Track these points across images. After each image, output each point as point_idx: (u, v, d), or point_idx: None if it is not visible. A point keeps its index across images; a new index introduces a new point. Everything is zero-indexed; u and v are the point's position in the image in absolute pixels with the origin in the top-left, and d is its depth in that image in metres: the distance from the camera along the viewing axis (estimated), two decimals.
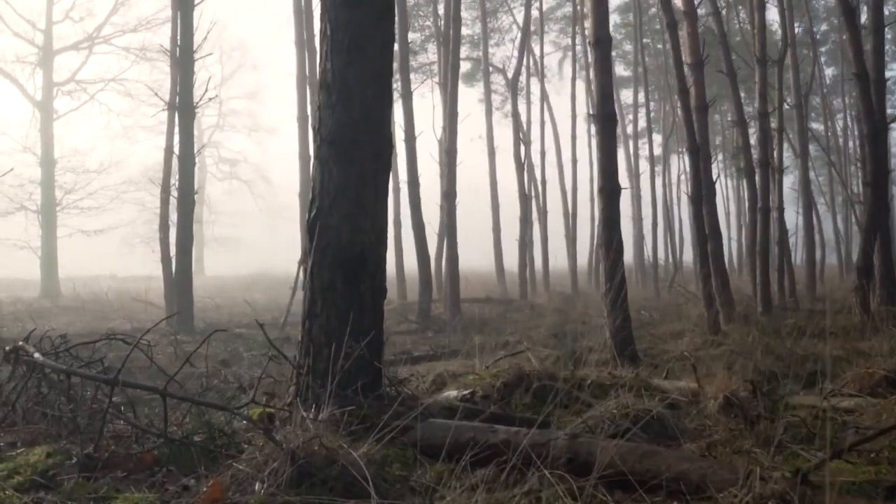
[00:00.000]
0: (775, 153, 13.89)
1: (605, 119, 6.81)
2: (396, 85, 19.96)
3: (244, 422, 2.70)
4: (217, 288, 19.65)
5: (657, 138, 26.63)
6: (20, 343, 3.05)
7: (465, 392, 3.49)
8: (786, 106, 15.61)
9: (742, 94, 13.12)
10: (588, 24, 8.10)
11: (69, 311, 13.20)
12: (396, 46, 22.77)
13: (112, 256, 20.62)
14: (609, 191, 6.82)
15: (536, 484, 2.31)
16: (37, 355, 2.77)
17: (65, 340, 3.54)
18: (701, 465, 2.19)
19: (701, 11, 17.08)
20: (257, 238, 26.29)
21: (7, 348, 3.28)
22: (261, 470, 2.29)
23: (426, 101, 22.73)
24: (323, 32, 3.28)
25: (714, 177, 10.39)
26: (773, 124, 13.51)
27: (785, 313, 11.00)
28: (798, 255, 19.48)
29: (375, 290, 3.27)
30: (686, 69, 9.84)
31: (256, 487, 2.20)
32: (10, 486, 2.32)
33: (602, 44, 6.84)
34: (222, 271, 24.68)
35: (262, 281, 22.29)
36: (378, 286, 3.28)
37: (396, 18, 3.68)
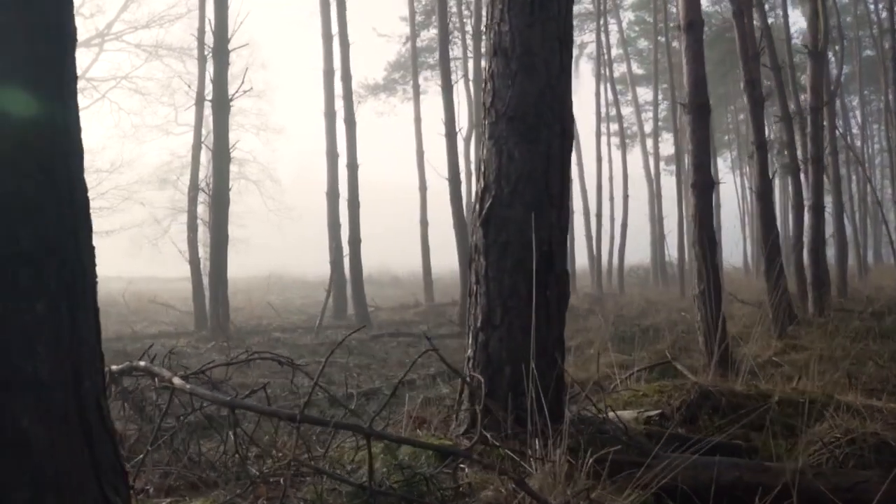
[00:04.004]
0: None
1: (698, 109, 6.32)
2: (436, 77, 19.24)
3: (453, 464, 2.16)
4: (231, 290, 19.01)
5: (667, 136, 26.39)
6: (141, 363, 2.49)
7: (652, 413, 2.98)
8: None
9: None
10: (678, 8, 7.56)
11: None
12: (435, 37, 21.96)
13: (118, 257, 19.91)
14: (702, 186, 6.33)
15: None
16: (176, 380, 2.22)
17: (172, 355, 2.98)
18: None
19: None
20: (265, 239, 25.61)
21: (113, 367, 2.72)
22: None
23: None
24: None
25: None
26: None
27: (842, 315, 10.56)
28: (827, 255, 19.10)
29: (561, 297, 2.74)
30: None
31: None
32: None
33: (695, 27, 6.36)
34: (232, 273, 23.93)
35: (275, 282, 21.66)
36: (563, 291, 2.75)
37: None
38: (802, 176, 12.12)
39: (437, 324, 11.26)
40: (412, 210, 19.46)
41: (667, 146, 26.36)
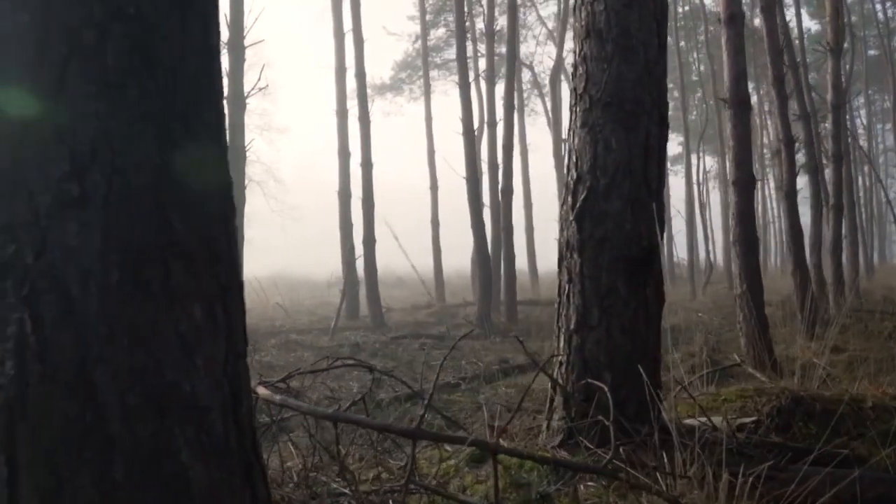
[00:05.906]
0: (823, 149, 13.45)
1: (739, 104, 6.14)
2: (451, 75, 19.13)
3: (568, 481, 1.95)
4: None
5: (671, 136, 26.25)
6: None
7: (747, 420, 2.78)
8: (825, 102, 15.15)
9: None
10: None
11: None
12: (443, 36, 21.75)
13: None
14: (743, 183, 6.16)
15: None
16: (261, 390, 1.99)
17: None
18: None
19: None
20: (267, 239, 25.35)
21: None
22: None
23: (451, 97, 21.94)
24: None
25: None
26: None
27: (865, 315, 10.36)
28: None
29: (659, 296, 2.54)
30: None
31: None
32: None
33: (736, 20, 6.17)
34: None
35: (279, 283, 21.34)
36: (661, 290, 2.55)
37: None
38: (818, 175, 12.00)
39: (453, 325, 11.03)
40: (415, 210, 19.25)
41: (672, 146, 26.30)
